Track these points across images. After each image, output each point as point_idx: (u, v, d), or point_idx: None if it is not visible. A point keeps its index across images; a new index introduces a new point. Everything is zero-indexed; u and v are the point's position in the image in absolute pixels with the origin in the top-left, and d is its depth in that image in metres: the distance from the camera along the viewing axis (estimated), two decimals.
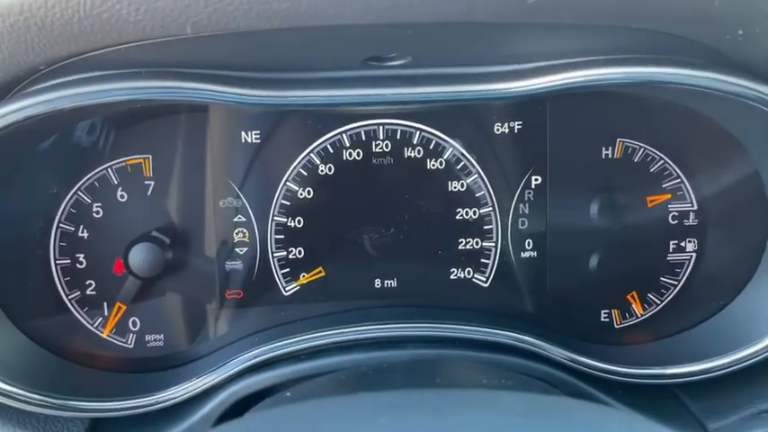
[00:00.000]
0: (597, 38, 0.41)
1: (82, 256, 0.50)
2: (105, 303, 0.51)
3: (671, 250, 0.52)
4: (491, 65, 0.44)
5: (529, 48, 0.42)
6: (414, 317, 0.48)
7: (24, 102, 0.40)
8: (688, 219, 0.52)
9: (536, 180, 0.51)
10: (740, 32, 0.36)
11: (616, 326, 0.52)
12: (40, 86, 0.39)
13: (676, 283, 0.53)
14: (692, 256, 0.52)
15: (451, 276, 0.51)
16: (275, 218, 0.50)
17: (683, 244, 0.52)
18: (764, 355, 0.45)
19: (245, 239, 0.50)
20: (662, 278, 0.52)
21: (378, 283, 0.51)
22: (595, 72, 0.43)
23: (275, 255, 0.51)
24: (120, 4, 0.33)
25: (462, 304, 0.50)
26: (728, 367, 0.46)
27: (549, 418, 0.33)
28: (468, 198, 0.51)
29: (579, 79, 0.43)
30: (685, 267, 0.52)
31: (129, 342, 0.50)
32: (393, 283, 0.51)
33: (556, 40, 0.41)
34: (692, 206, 0.51)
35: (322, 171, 0.50)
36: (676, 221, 0.52)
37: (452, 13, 0.36)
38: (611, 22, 0.37)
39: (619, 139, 0.51)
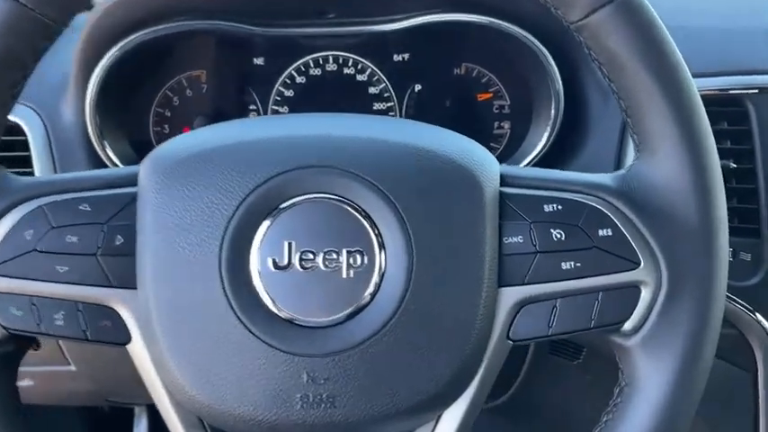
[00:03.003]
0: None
1: (167, 125, 0.85)
2: None
3: (495, 127, 0.87)
4: (377, 16, 0.80)
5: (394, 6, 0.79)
6: None
7: (156, 26, 0.75)
8: (505, 109, 0.87)
9: (418, 87, 0.86)
10: None
11: None
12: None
13: (499, 146, 0.88)
14: (507, 132, 0.87)
15: None
16: (271, 107, 0.85)
17: (502, 124, 0.87)
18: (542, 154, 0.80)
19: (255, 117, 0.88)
20: (491, 144, 0.88)
21: None
22: (427, 18, 0.79)
23: None
24: None
25: None
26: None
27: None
28: (380, 97, 0.85)
29: (419, 22, 0.80)
30: (504, 137, 0.87)
31: None
32: None
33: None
34: (507, 102, 0.87)
35: (298, 81, 0.88)
36: (498, 111, 0.86)
37: None
38: None
39: (463, 63, 0.85)
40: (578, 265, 0.47)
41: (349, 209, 0.47)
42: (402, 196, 0.47)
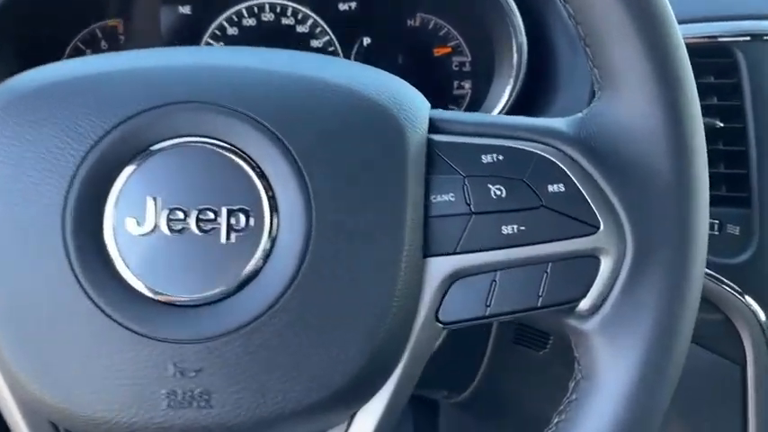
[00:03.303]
0: None
1: None
2: None
3: (455, 87, 0.77)
4: None
5: None
6: None
7: None
8: (465, 66, 0.79)
9: (367, 40, 0.77)
10: None
11: None
12: None
13: (459, 109, 0.79)
14: (468, 92, 0.78)
15: None
16: None
17: (463, 83, 0.78)
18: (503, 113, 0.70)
19: None
20: (450, 106, 0.78)
21: None
22: None
23: None
24: None
25: None
26: None
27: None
28: (324, 52, 0.75)
29: None
30: (465, 98, 0.77)
31: None
32: None
33: None
34: (468, 58, 0.77)
35: (229, 33, 0.77)
36: (458, 68, 0.77)
37: None
38: None
39: (418, 13, 0.75)
40: (522, 229, 0.39)
41: (231, 156, 0.38)
42: (300, 141, 0.38)
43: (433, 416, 1.06)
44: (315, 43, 0.76)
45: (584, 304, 0.39)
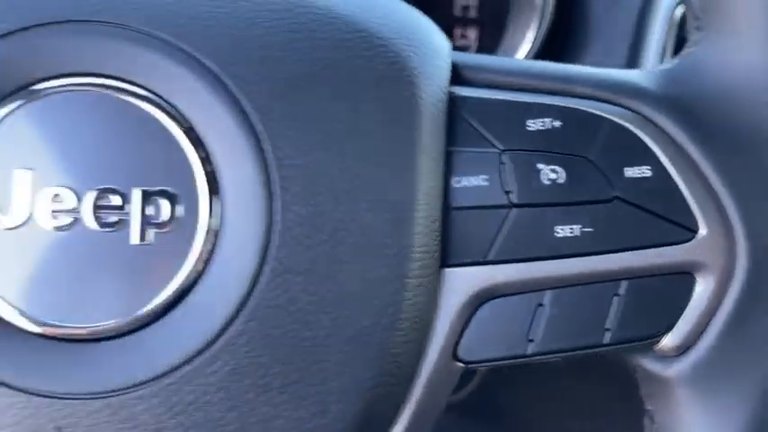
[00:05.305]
0: None
1: None
2: None
3: (458, 37, 0.66)
4: None
5: None
6: None
7: None
8: (470, 12, 0.66)
9: None
10: None
11: None
12: None
13: None
14: (474, 44, 0.65)
15: None
16: None
17: (466, 31, 0.66)
18: None
19: None
20: None
21: None
22: None
23: None
24: None
25: None
26: None
27: None
28: None
29: None
30: (468, 50, 0.67)
31: None
32: None
33: None
34: (474, 2, 0.67)
35: None
36: (461, 14, 0.65)
37: None
38: None
39: None
40: (587, 230, 0.28)
41: (147, 108, 0.25)
42: (257, 89, 0.25)
43: None
44: None
45: (670, 341, 0.28)
